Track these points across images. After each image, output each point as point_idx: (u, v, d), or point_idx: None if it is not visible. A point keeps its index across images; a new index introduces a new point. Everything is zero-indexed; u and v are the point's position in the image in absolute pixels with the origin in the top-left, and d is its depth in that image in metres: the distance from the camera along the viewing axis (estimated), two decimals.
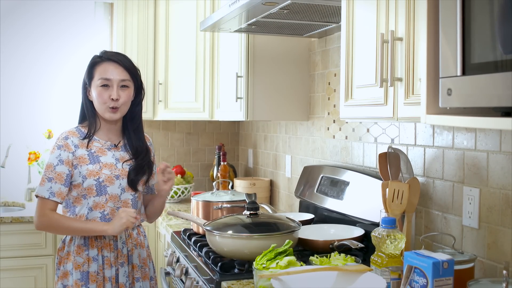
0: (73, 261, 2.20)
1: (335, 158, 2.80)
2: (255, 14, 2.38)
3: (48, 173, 2.17)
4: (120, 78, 2.22)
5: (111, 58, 2.24)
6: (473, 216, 1.82)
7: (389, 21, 1.68)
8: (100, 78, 2.21)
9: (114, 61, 2.24)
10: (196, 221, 2.46)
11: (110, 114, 2.23)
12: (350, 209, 2.36)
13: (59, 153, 2.18)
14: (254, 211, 2.22)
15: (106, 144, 2.27)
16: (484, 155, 1.78)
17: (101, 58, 2.25)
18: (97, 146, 2.25)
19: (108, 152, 2.26)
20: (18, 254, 3.42)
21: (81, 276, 2.19)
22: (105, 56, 2.26)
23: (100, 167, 2.21)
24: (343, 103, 1.95)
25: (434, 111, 1.32)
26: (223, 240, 2.10)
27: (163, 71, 3.78)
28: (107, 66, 2.23)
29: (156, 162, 4.14)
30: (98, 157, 2.23)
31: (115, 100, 2.20)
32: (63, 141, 2.21)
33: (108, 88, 2.21)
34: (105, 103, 2.21)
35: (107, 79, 2.21)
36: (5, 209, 3.83)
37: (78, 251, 2.20)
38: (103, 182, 2.20)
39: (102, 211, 2.21)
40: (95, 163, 2.21)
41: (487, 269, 1.77)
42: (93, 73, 2.23)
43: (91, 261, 2.20)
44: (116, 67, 2.23)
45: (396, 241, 1.70)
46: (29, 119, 4.01)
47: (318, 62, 2.98)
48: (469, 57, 1.17)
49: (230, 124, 4.38)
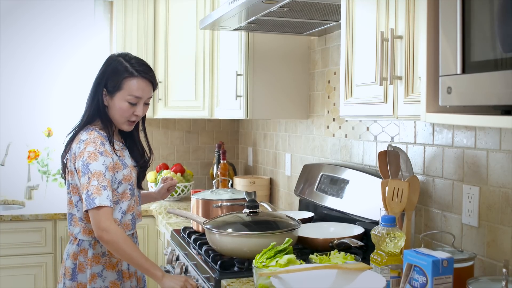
0: (105, 263, 2.15)
1: (335, 157, 2.80)
2: (254, 12, 2.38)
3: (101, 181, 2.02)
4: (148, 97, 2.20)
5: (144, 76, 2.17)
6: (473, 215, 1.82)
7: (389, 19, 1.68)
8: (131, 95, 2.14)
9: (147, 79, 2.18)
10: (195, 219, 2.47)
11: (128, 127, 2.21)
12: (349, 208, 2.36)
13: (103, 159, 2.06)
14: (253, 209, 2.22)
15: (120, 145, 2.24)
16: (484, 153, 1.78)
17: (132, 74, 2.15)
18: (118, 149, 2.20)
19: (125, 153, 2.23)
20: (18, 252, 3.42)
21: (117, 275, 2.17)
22: (138, 71, 2.16)
23: (130, 171, 2.18)
24: (343, 101, 1.95)
25: (434, 109, 1.32)
26: (222, 238, 2.10)
27: (163, 69, 3.78)
28: (140, 84, 2.15)
29: (156, 160, 4.19)
30: (124, 160, 2.19)
31: (137, 116, 2.19)
32: (102, 147, 2.09)
33: (134, 105, 2.16)
34: (127, 117, 2.17)
35: (138, 97, 2.16)
36: (5, 207, 3.83)
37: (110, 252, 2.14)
38: (134, 185, 2.20)
39: (132, 213, 2.20)
40: (126, 167, 2.17)
41: (487, 267, 1.77)
42: (122, 85, 2.14)
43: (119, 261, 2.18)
44: (147, 85, 2.18)
45: (396, 240, 1.70)
46: (29, 117, 4.01)
47: (318, 60, 2.98)
48: (469, 56, 1.17)
49: (230, 122, 4.38)
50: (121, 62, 2.17)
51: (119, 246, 2.00)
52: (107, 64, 2.20)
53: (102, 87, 2.16)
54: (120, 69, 2.16)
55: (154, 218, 3.56)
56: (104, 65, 2.21)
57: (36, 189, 3.96)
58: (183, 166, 3.98)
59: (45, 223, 3.46)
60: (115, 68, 2.16)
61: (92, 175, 2.02)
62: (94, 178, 2.02)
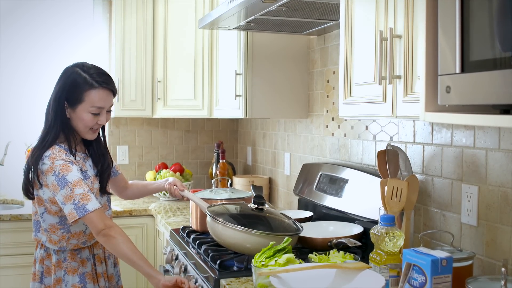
0: (66, 267, 2.19)
1: (334, 156, 2.80)
2: (253, 12, 2.38)
3: (84, 187, 2.05)
4: (110, 105, 2.20)
5: (105, 86, 2.15)
6: (472, 214, 1.82)
7: (388, 19, 1.68)
8: (94, 106, 2.12)
9: (108, 89, 2.16)
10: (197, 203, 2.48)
11: (92, 135, 2.21)
12: (349, 207, 2.36)
13: (76, 168, 2.08)
14: (260, 206, 2.23)
15: (82, 156, 2.23)
16: (483, 152, 1.79)
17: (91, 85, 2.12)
18: (79, 160, 2.20)
19: (87, 164, 2.23)
20: (17, 252, 3.41)
21: (79, 278, 2.19)
22: (97, 82, 2.13)
23: (92, 182, 2.20)
24: (342, 101, 1.95)
25: (433, 108, 1.32)
26: (225, 230, 2.10)
27: (161, 69, 3.78)
28: (101, 95, 2.14)
29: (155, 159, 4.19)
30: (85, 172, 2.19)
31: (100, 125, 2.19)
32: (69, 158, 2.10)
33: (97, 115, 2.15)
34: (91, 127, 2.17)
35: (101, 107, 2.15)
36: (4, 207, 3.82)
37: (71, 257, 2.19)
38: (96, 196, 2.19)
39: None
40: (87, 179, 2.18)
41: (486, 267, 1.77)
42: (83, 97, 2.12)
43: (85, 262, 2.22)
44: (109, 95, 2.17)
45: (395, 239, 1.70)
46: (28, 117, 4.01)
47: (317, 59, 2.98)
48: (468, 55, 1.17)
49: (229, 122, 4.38)
50: (79, 73, 2.13)
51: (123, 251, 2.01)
52: (65, 77, 2.16)
53: (63, 101, 2.14)
54: (79, 81, 2.12)
55: (153, 217, 3.56)
56: (61, 78, 2.17)
57: None
58: (182, 166, 3.98)
59: None
60: (74, 80, 2.13)
61: (73, 185, 2.03)
62: (76, 187, 2.03)
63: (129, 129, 4.20)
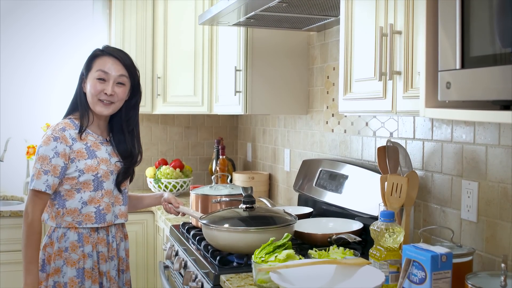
0: (66, 258, 2.18)
1: (333, 152, 2.80)
2: (253, 8, 2.38)
3: (44, 166, 2.12)
4: (117, 74, 2.23)
5: (112, 53, 2.25)
6: (472, 210, 1.82)
7: (388, 15, 1.67)
8: (98, 70, 2.21)
9: (114, 56, 2.25)
10: (192, 215, 2.48)
11: (101, 108, 2.23)
12: (348, 203, 2.36)
13: (55, 145, 2.14)
14: (250, 204, 2.22)
15: (99, 138, 2.27)
16: (483, 148, 1.79)
17: (102, 52, 2.25)
18: (92, 140, 2.24)
19: (102, 147, 2.25)
20: (17, 248, 3.38)
21: (77, 273, 2.18)
22: (107, 50, 2.27)
23: (98, 162, 2.21)
24: (342, 97, 1.95)
25: (433, 104, 1.32)
26: (219, 233, 2.10)
27: (161, 65, 3.77)
28: (107, 60, 2.23)
29: (155, 155, 4.19)
30: (94, 151, 2.22)
31: (109, 95, 2.21)
32: (60, 133, 2.16)
33: (104, 82, 2.21)
34: (97, 95, 2.20)
35: (105, 72, 2.21)
36: (4, 203, 3.83)
37: (72, 248, 2.18)
38: (101, 178, 2.20)
39: (97, 206, 2.21)
40: (92, 157, 2.20)
41: (486, 263, 1.77)
42: (92, 65, 2.24)
43: (86, 257, 2.20)
44: (115, 63, 2.24)
45: (395, 235, 1.70)
46: (27, 113, 4.01)
47: (317, 56, 2.97)
48: (468, 50, 1.17)
49: (229, 118, 4.38)
50: (96, 49, 2.29)
51: (23, 234, 2.12)
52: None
53: (82, 74, 2.28)
54: (92, 53, 2.28)
55: (153, 213, 3.56)
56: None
57: None
58: (182, 162, 3.98)
59: None
60: (89, 55, 2.29)
61: (38, 158, 2.14)
62: (39, 161, 2.13)
63: None
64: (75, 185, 2.17)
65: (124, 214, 2.33)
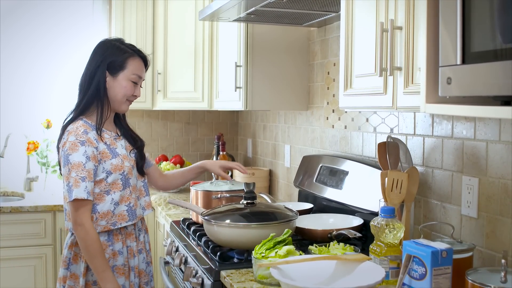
0: None
1: (334, 148, 2.80)
2: (254, 3, 2.37)
3: (80, 173, 2.02)
4: (143, 78, 2.28)
5: (144, 57, 2.26)
6: (472, 206, 1.82)
7: (389, 10, 1.67)
8: (135, 74, 2.20)
9: (144, 61, 2.26)
10: (194, 210, 2.47)
11: (126, 107, 2.26)
12: (349, 199, 2.37)
13: (84, 149, 2.05)
14: (251, 200, 2.22)
15: (112, 135, 2.23)
16: (483, 144, 1.78)
17: (133, 51, 2.22)
18: (108, 138, 2.19)
19: (117, 143, 2.22)
20: (18, 244, 3.42)
21: None
22: (138, 52, 2.24)
23: (122, 160, 2.17)
24: (342, 93, 1.94)
25: (433, 100, 1.32)
26: (220, 229, 2.10)
27: (162, 61, 3.77)
28: (140, 63, 2.24)
29: (155, 151, 4.19)
30: (115, 149, 2.18)
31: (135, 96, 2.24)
32: (85, 136, 2.08)
33: (135, 85, 2.22)
34: (128, 97, 2.22)
35: (141, 77, 2.23)
36: (4, 199, 3.83)
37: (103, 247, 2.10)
38: (127, 175, 2.17)
39: (128, 204, 2.17)
40: (116, 156, 2.15)
41: (486, 258, 1.77)
42: (126, 64, 2.18)
43: (116, 255, 2.16)
44: (143, 66, 2.27)
45: (395, 231, 1.70)
46: (28, 109, 4.01)
47: (317, 51, 2.97)
48: (469, 46, 1.16)
49: (229, 114, 4.38)
50: (119, 44, 2.22)
51: (83, 248, 2.04)
52: (103, 48, 2.21)
53: (104, 69, 2.17)
54: (122, 48, 2.21)
55: (153, 209, 3.56)
56: (99, 49, 2.22)
57: (35, 180, 3.96)
58: (182, 158, 3.98)
59: (45, 215, 3.47)
60: (117, 48, 2.20)
61: (72, 167, 2.03)
62: (73, 170, 2.03)
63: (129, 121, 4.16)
64: (104, 187, 2.11)
65: (149, 204, 2.32)
